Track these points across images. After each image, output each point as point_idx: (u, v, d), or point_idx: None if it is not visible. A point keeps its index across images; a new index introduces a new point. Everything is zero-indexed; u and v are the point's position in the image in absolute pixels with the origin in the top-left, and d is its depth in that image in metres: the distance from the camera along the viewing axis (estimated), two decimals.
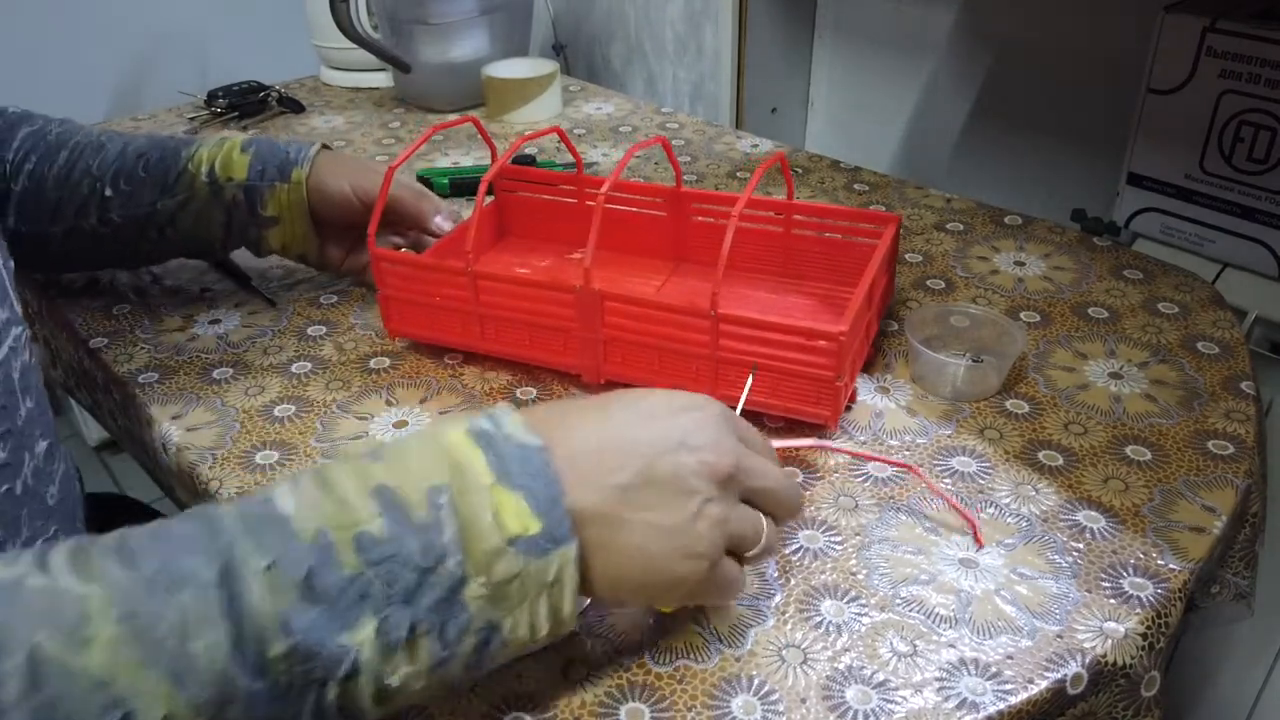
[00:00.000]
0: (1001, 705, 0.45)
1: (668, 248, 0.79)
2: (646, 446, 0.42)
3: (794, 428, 0.63)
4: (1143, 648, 0.49)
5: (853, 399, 0.66)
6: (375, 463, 0.40)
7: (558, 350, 0.67)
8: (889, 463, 0.60)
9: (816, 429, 0.63)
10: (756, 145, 1.07)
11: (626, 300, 0.63)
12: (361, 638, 0.37)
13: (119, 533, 0.37)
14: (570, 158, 1.05)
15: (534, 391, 0.68)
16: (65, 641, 0.33)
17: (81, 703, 0.33)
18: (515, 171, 0.83)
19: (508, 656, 0.41)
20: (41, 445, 0.56)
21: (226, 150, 0.74)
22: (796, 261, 0.75)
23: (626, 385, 0.67)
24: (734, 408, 0.52)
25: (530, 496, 0.39)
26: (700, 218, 0.77)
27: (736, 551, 0.45)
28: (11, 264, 0.57)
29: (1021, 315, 0.75)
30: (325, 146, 0.77)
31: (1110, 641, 0.48)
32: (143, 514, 0.87)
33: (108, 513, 0.83)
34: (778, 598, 0.51)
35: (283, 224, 0.75)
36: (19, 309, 0.56)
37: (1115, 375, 0.68)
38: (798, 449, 0.60)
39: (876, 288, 0.66)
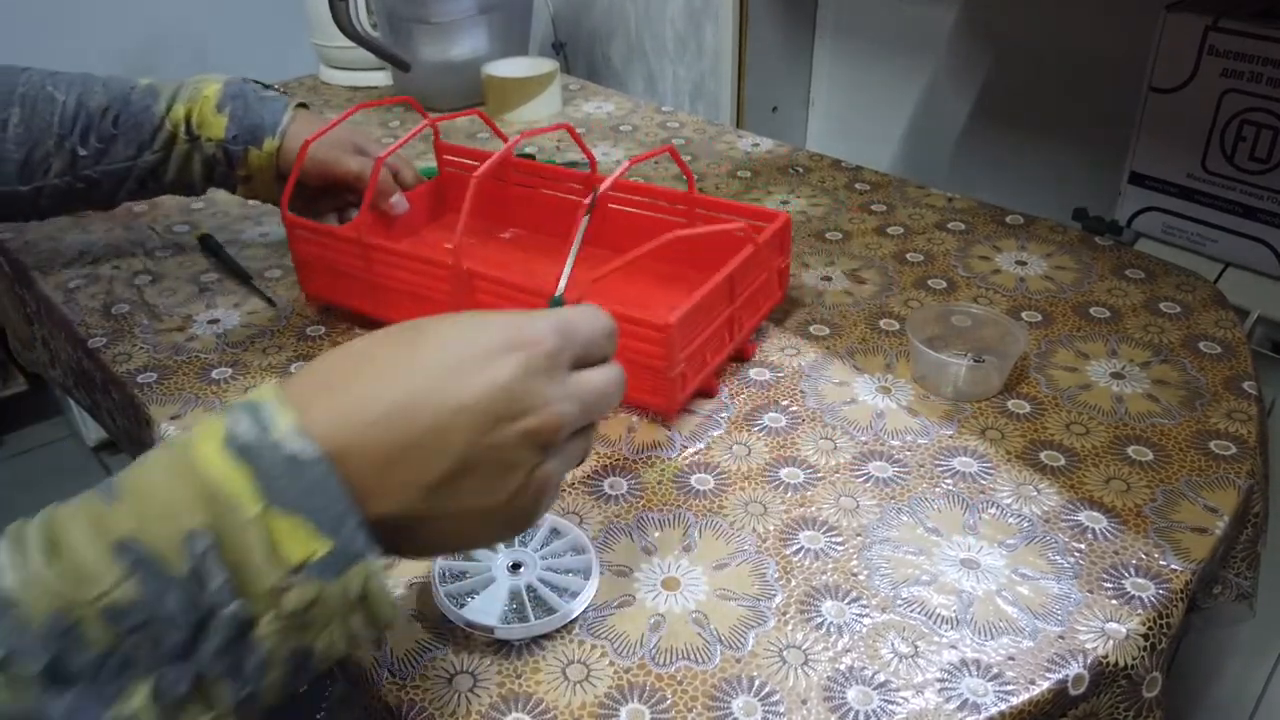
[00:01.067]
0: (1003, 706, 0.45)
1: (594, 235, 0.79)
2: (459, 433, 0.36)
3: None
4: (1144, 648, 0.48)
5: (711, 391, 0.66)
6: (114, 503, 0.33)
7: None
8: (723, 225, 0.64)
9: (661, 421, 0.64)
10: (757, 144, 1.07)
11: (491, 280, 0.65)
12: (135, 706, 0.31)
13: None
14: (569, 156, 1.05)
15: None
16: None
17: None
18: (454, 150, 0.87)
19: (331, 664, 0.37)
20: None
21: (201, 106, 0.76)
22: (695, 254, 0.74)
23: None
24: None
25: (312, 516, 0.33)
26: (613, 205, 0.78)
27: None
28: None
29: (1023, 315, 0.74)
30: (302, 105, 0.80)
31: (1112, 642, 0.48)
32: None
33: None
34: (778, 598, 0.51)
35: (254, 181, 0.79)
36: None
37: (1117, 375, 0.67)
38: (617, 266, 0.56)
39: (743, 284, 0.66)
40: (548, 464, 0.39)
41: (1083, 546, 0.53)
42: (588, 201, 0.58)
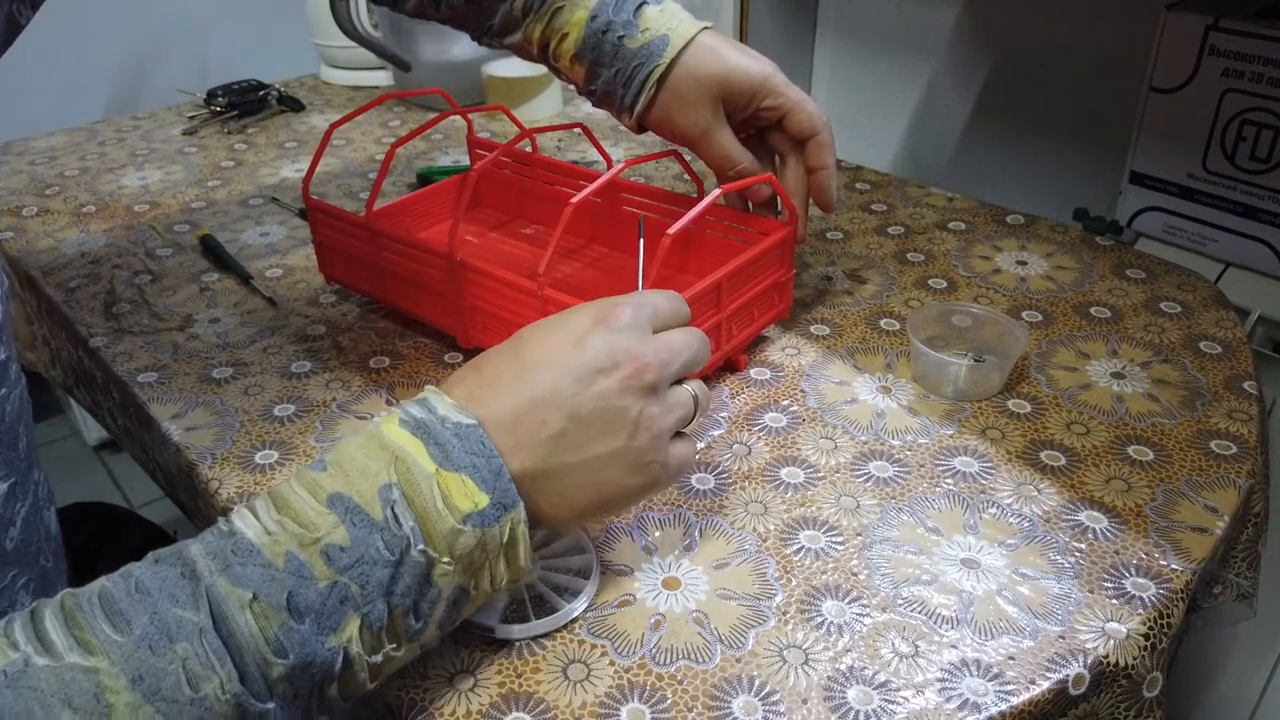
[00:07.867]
0: (1003, 706, 0.45)
1: (605, 233, 0.81)
2: (566, 389, 0.44)
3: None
4: (1145, 648, 0.48)
5: None
6: (322, 473, 0.42)
7: (438, 311, 0.70)
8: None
9: None
10: None
11: (479, 272, 0.65)
12: (348, 636, 0.39)
13: (98, 589, 0.38)
14: (569, 156, 1.05)
15: None
16: (89, 717, 0.35)
17: None
18: (485, 144, 0.87)
19: (473, 609, 0.44)
20: (0, 488, 0.50)
21: (563, 46, 0.67)
22: (692, 262, 0.75)
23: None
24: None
25: (474, 474, 0.42)
26: (628, 208, 0.78)
27: (680, 430, 0.49)
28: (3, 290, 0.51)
29: (1023, 315, 0.74)
30: (672, 65, 0.65)
31: (1112, 642, 0.48)
32: (124, 521, 0.86)
33: (92, 523, 0.82)
34: (779, 598, 0.51)
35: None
36: None
37: (1117, 375, 0.67)
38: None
39: (733, 293, 0.64)
40: (650, 407, 0.45)
41: (1083, 546, 0.53)
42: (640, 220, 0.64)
